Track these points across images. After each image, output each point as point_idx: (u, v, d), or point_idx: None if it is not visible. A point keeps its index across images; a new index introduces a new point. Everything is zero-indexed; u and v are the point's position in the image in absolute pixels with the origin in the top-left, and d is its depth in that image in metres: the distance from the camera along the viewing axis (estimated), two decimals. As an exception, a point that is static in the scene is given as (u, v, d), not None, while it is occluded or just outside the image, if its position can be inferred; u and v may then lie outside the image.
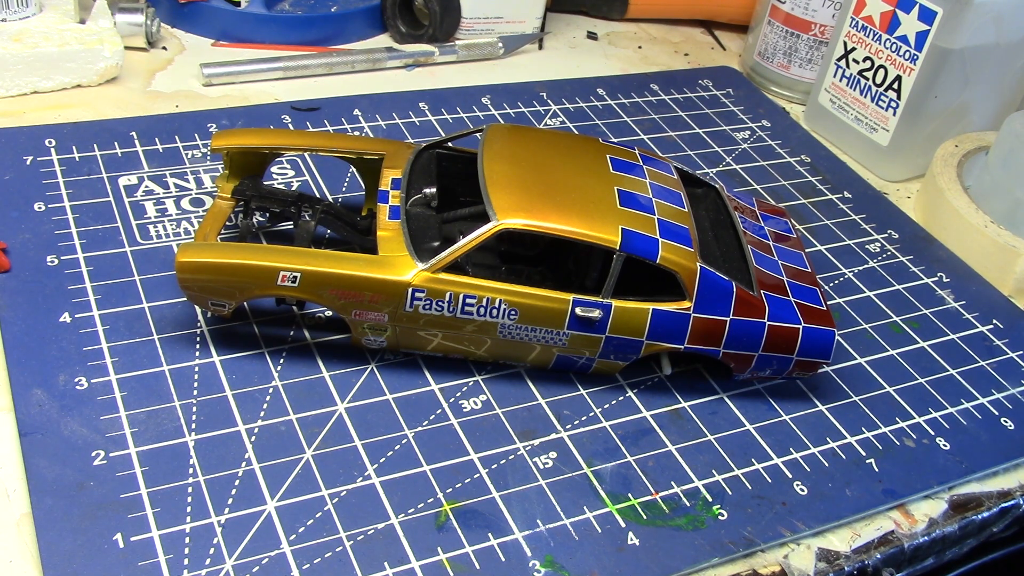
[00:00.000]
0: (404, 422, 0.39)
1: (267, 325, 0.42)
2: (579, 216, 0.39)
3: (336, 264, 0.38)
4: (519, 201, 0.39)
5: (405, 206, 0.41)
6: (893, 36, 0.58)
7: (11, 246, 0.44)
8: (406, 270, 0.39)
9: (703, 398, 0.43)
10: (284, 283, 0.38)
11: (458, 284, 0.39)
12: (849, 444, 0.42)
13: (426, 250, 0.39)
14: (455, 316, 0.39)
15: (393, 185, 0.42)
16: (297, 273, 0.38)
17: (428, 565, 0.34)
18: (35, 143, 0.50)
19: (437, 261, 0.38)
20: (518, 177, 0.41)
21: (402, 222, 0.40)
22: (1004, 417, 0.45)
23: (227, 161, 0.44)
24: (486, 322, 0.39)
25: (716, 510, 0.38)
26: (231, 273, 0.38)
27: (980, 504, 0.41)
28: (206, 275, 0.38)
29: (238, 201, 0.44)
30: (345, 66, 0.62)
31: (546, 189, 0.40)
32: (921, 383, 0.46)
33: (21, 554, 0.33)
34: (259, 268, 0.38)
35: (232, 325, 0.42)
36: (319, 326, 0.43)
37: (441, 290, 0.39)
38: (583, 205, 0.40)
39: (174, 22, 0.64)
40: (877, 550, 0.39)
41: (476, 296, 0.39)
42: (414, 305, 0.39)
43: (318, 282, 0.38)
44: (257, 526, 0.35)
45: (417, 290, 0.39)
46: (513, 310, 0.39)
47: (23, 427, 0.36)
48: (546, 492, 0.38)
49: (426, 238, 0.40)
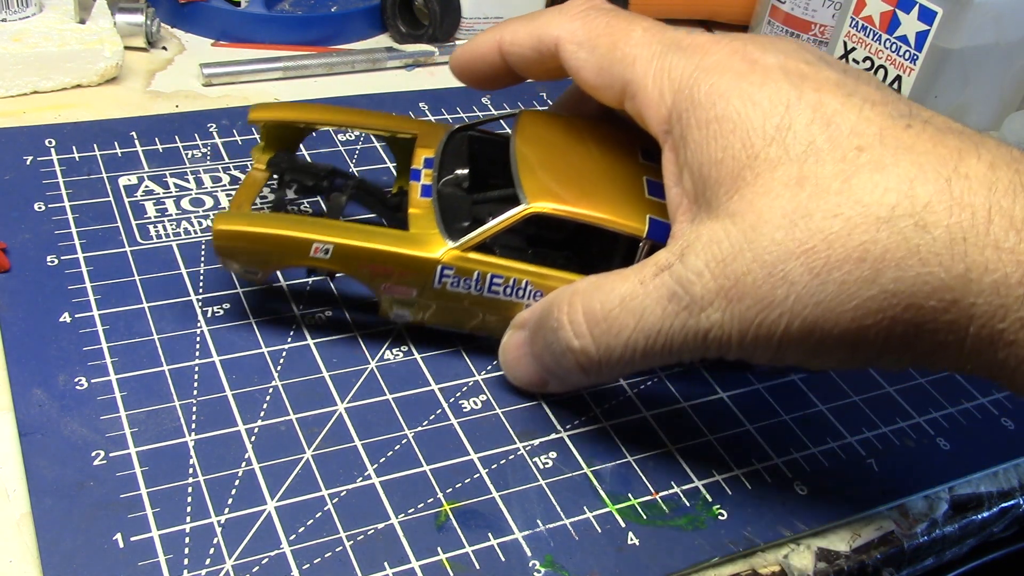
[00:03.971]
0: (404, 422, 0.39)
1: (267, 325, 0.42)
2: (607, 203, 0.40)
3: (368, 239, 0.39)
4: (549, 186, 0.40)
5: (437, 185, 0.42)
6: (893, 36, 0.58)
7: (11, 246, 0.44)
8: (436, 248, 0.39)
9: (703, 398, 0.43)
10: (316, 255, 0.39)
11: (486, 264, 0.40)
12: (849, 444, 0.42)
13: (456, 229, 0.40)
14: (482, 295, 0.40)
15: (426, 164, 0.43)
16: (330, 245, 0.39)
17: (428, 565, 0.34)
18: (35, 143, 0.50)
19: (467, 240, 0.39)
20: (549, 162, 0.41)
21: (433, 201, 0.41)
22: (1004, 417, 0.45)
23: (263, 134, 0.45)
24: (511, 302, 0.40)
25: (716, 510, 0.38)
26: (265, 243, 0.39)
27: (980, 504, 0.41)
28: (241, 243, 0.39)
29: (272, 173, 0.45)
30: (345, 66, 0.62)
31: (576, 175, 0.41)
32: (921, 383, 0.46)
33: (21, 554, 0.33)
34: (293, 239, 0.39)
35: (232, 325, 0.42)
36: (319, 326, 0.43)
37: (469, 269, 0.39)
38: (612, 193, 0.40)
39: (174, 22, 0.64)
40: (877, 550, 0.39)
41: (503, 276, 0.40)
42: (442, 282, 0.40)
43: (350, 255, 0.39)
44: (257, 526, 0.35)
45: (446, 267, 0.39)
46: (539, 292, 0.40)
47: (23, 427, 0.36)
48: (546, 492, 0.38)
49: (456, 218, 0.41)
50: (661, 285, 0.34)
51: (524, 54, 0.41)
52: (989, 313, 0.30)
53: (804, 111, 0.33)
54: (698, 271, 0.33)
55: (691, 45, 0.37)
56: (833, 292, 0.31)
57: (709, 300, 0.33)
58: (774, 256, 0.32)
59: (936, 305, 0.31)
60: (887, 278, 0.31)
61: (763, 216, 0.32)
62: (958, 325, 0.31)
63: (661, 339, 0.35)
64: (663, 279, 0.34)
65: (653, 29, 0.38)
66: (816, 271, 0.31)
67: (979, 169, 0.31)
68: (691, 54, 0.36)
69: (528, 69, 0.42)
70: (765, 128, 0.33)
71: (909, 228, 0.31)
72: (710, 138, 0.34)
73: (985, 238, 0.30)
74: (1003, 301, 0.30)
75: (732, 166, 0.34)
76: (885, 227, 0.31)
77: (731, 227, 0.33)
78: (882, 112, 0.33)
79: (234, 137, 0.53)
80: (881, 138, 0.32)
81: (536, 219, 0.40)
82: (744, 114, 0.34)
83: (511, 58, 0.42)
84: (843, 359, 0.34)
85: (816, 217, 0.32)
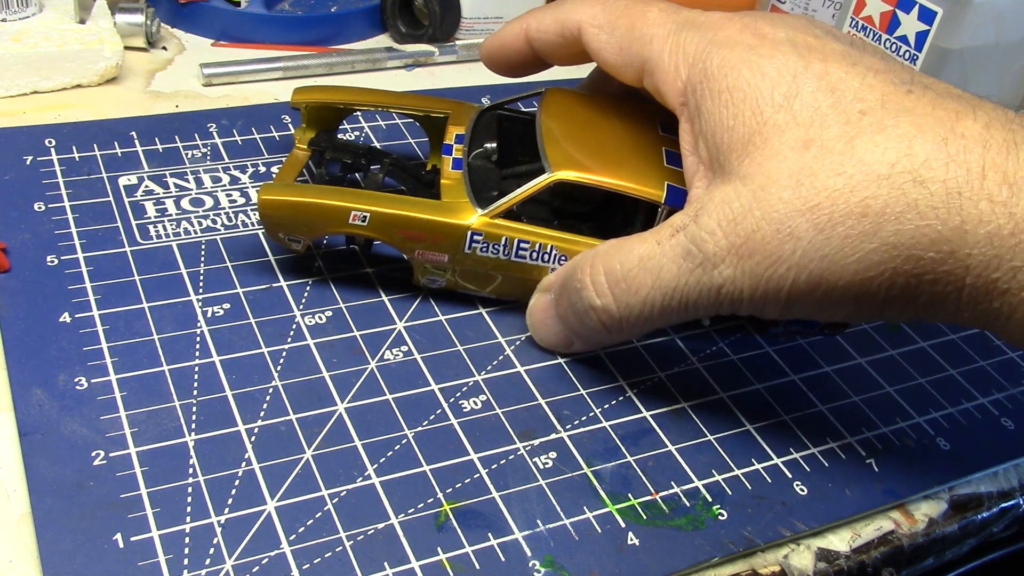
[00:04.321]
0: (404, 422, 0.39)
1: (267, 325, 0.42)
2: (627, 172, 0.42)
3: (403, 207, 0.42)
4: (572, 156, 0.42)
5: (467, 159, 0.45)
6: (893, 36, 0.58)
7: (11, 246, 0.44)
8: (466, 215, 0.42)
9: (703, 398, 0.43)
10: (354, 222, 0.42)
11: (513, 230, 0.42)
12: (849, 444, 0.42)
13: (485, 198, 0.43)
14: (509, 259, 0.43)
15: (457, 140, 0.46)
16: (367, 213, 0.42)
17: (428, 565, 0.34)
18: (35, 143, 0.50)
19: (495, 207, 0.42)
20: (572, 135, 0.44)
21: (464, 172, 0.44)
22: (1004, 417, 0.45)
23: (304, 115, 0.48)
24: (538, 266, 0.43)
25: (716, 510, 0.38)
26: (307, 211, 0.42)
27: (980, 504, 0.41)
28: (284, 212, 0.42)
29: (313, 152, 0.48)
30: (345, 66, 0.62)
31: (598, 147, 0.43)
32: (921, 383, 0.46)
33: (21, 554, 0.33)
34: (333, 207, 0.42)
35: (232, 325, 0.42)
36: (319, 326, 0.43)
37: (497, 234, 0.42)
38: (632, 162, 0.43)
39: (174, 22, 0.64)
40: (877, 550, 0.39)
41: (529, 242, 0.42)
42: (472, 247, 0.42)
43: (385, 223, 0.42)
44: (257, 526, 0.35)
45: (475, 233, 0.42)
46: (563, 256, 0.42)
47: (23, 427, 0.36)
48: (546, 492, 0.38)
49: (485, 188, 0.44)
50: (676, 245, 0.36)
51: (549, 39, 0.44)
52: (984, 263, 0.32)
53: (810, 80, 0.35)
54: (710, 230, 0.35)
55: (704, 22, 0.39)
56: (837, 246, 0.33)
57: (721, 257, 0.35)
58: (781, 213, 0.34)
59: (934, 256, 0.33)
60: (887, 231, 0.33)
61: (771, 177, 0.34)
62: (955, 276, 0.33)
63: (677, 296, 0.37)
64: (678, 239, 0.36)
65: (668, 10, 0.40)
66: (821, 226, 0.33)
67: (975, 129, 0.33)
68: (704, 30, 0.38)
69: (553, 54, 0.45)
70: (773, 96, 0.35)
71: (908, 184, 0.32)
72: (722, 107, 0.36)
73: (979, 192, 0.32)
74: (996, 251, 0.32)
75: (743, 132, 0.36)
76: (885, 183, 0.33)
77: (741, 188, 0.35)
78: (884, 79, 0.35)
79: (234, 137, 0.53)
80: (883, 102, 0.34)
81: (561, 191, 0.43)
82: (754, 84, 0.36)
83: (537, 43, 0.44)
84: (849, 312, 0.35)
85: (820, 176, 0.34)
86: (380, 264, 0.47)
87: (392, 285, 0.46)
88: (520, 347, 0.44)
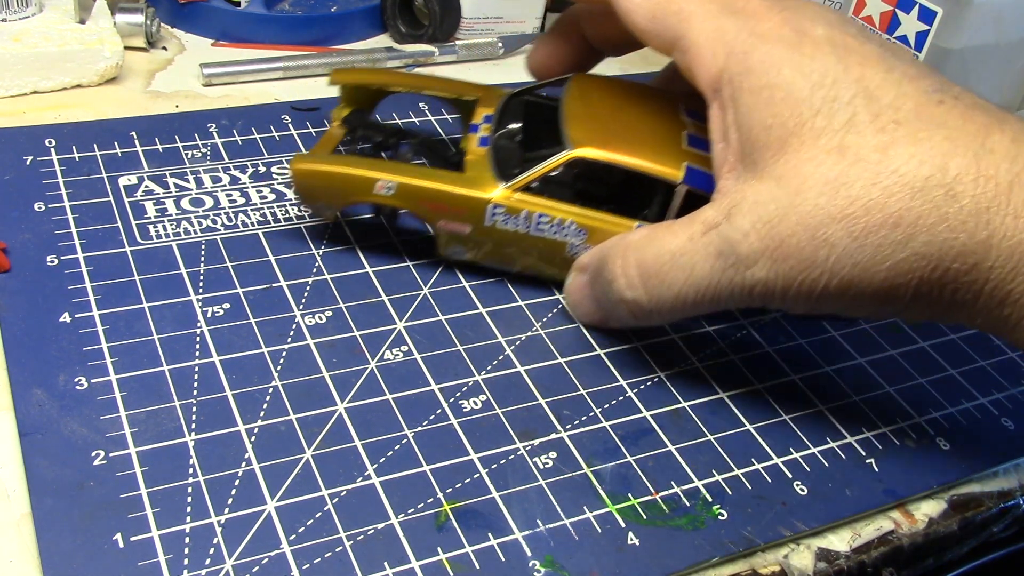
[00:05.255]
0: (404, 422, 0.39)
1: (267, 325, 0.42)
2: (646, 151, 0.44)
3: (428, 178, 0.44)
4: (592, 135, 0.44)
5: (493, 137, 0.47)
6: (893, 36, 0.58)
7: (11, 246, 0.44)
8: (489, 188, 0.44)
9: (703, 398, 0.43)
10: (381, 191, 0.44)
11: (533, 203, 0.44)
12: (849, 444, 0.42)
13: (508, 174, 0.45)
14: (528, 233, 0.44)
15: (484, 120, 0.48)
16: (393, 184, 0.44)
17: (428, 565, 0.34)
18: (35, 143, 0.50)
19: (516, 182, 0.44)
20: (594, 116, 0.46)
21: (489, 149, 0.46)
22: (1004, 417, 0.45)
23: (342, 95, 0.51)
24: (556, 240, 0.44)
25: (716, 510, 0.38)
26: (336, 180, 0.44)
27: (980, 504, 0.41)
28: (315, 180, 0.45)
29: (347, 130, 0.50)
30: (345, 66, 0.62)
31: (619, 128, 0.45)
32: (921, 383, 0.46)
33: (21, 554, 0.33)
34: (360, 176, 0.44)
35: (232, 325, 0.42)
36: (319, 326, 0.43)
37: (518, 208, 0.44)
38: (652, 143, 0.44)
39: (174, 22, 0.64)
40: (877, 550, 0.39)
41: (549, 216, 0.44)
42: (493, 219, 0.44)
43: (411, 193, 0.44)
44: (257, 526, 0.35)
45: (497, 206, 0.44)
46: (582, 230, 0.44)
47: (23, 427, 0.36)
48: (546, 492, 0.38)
49: (509, 165, 0.46)
50: (709, 243, 0.37)
51: (592, 9, 0.46)
52: (1003, 275, 0.34)
53: (849, 85, 0.36)
54: (744, 231, 0.36)
55: (744, 9, 0.39)
56: (870, 254, 0.34)
57: (754, 259, 0.36)
58: (817, 220, 0.35)
59: (959, 267, 0.34)
60: (918, 242, 0.34)
61: (807, 182, 0.35)
62: (976, 285, 0.34)
63: (709, 292, 0.38)
64: (711, 237, 0.37)
65: None
66: (855, 235, 0.34)
67: (1003, 143, 0.34)
68: (745, 19, 0.38)
69: (597, 29, 0.47)
70: (812, 99, 0.36)
71: (941, 197, 0.34)
72: (761, 104, 0.37)
73: (1006, 207, 0.33)
74: (1015, 264, 0.34)
75: (780, 132, 0.36)
76: (919, 196, 0.34)
77: (776, 190, 0.36)
78: (917, 87, 0.36)
79: (234, 137, 0.53)
80: (916, 113, 0.35)
81: (581, 171, 0.45)
82: (795, 84, 0.36)
83: (582, 20, 0.47)
84: (873, 311, 0.37)
85: (856, 185, 0.34)
86: (405, 235, 0.48)
87: (392, 284, 0.46)
88: (520, 347, 0.44)
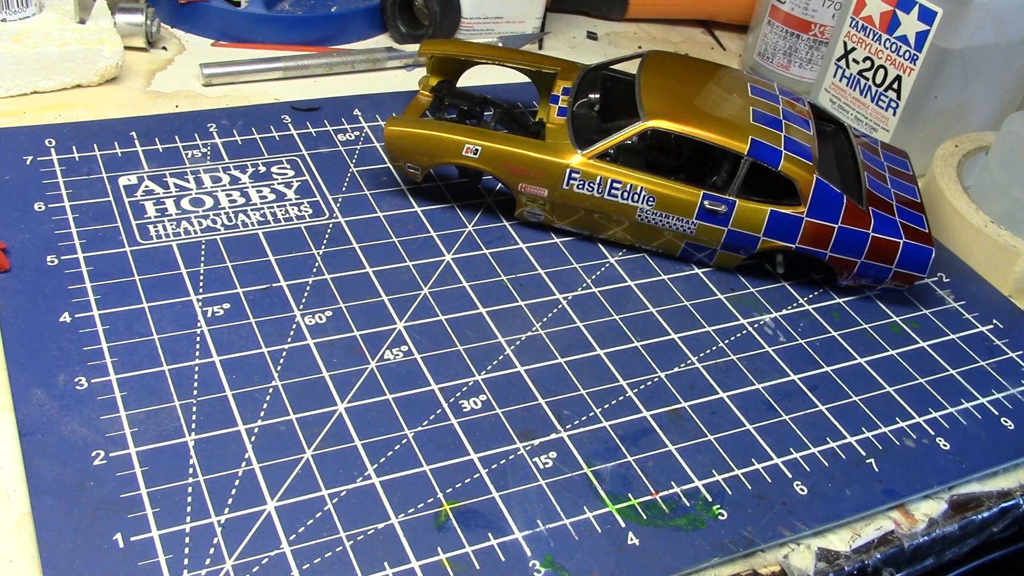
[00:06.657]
0: (404, 422, 0.39)
1: (267, 325, 0.42)
2: (715, 125, 0.47)
3: (511, 143, 0.48)
4: (666, 108, 0.48)
5: (572, 107, 0.50)
6: (893, 36, 0.58)
7: (11, 246, 0.44)
8: (567, 155, 0.47)
9: (703, 398, 0.43)
10: (467, 154, 0.48)
11: (608, 170, 0.47)
12: (849, 444, 0.42)
13: (585, 141, 0.48)
14: (602, 197, 0.48)
15: (564, 92, 0.51)
16: (479, 147, 0.48)
17: (428, 565, 0.34)
18: (35, 143, 0.50)
19: (592, 149, 0.47)
20: (668, 90, 0.49)
21: (568, 118, 0.49)
22: (1004, 417, 0.45)
23: (430, 65, 0.55)
24: (627, 205, 0.48)
25: (716, 510, 0.38)
26: (426, 142, 0.48)
27: (980, 504, 0.41)
28: (406, 141, 0.48)
29: (435, 98, 0.53)
30: (345, 66, 0.62)
31: (690, 102, 0.49)
32: (921, 383, 0.46)
33: (21, 554, 0.33)
34: (449, 139, 0.48)
35: (232, 325, 0.42)
36: (319, 326, 0.43)
37: (593, 173, 0.47)
38: (720, 117, 0.48)
39: (174, 22, 0.64)
40: (877, 550, 0.39)
41: (621, 182, 0.47)
42: (570, 184, 0.47)
43: (495, 157, 0.48)
44: (257, 526, 0.35)
45: (574, 171, 0.47)
46: (652, 197, 0.47)
47: (23, 427, 0.36)
48: (546, 492, 0.38)
49: (586, 134, 0.49)
50: None
51: None
52: None
53: None
54: None
55: None
56: None
57: None
58: None
59: None
60: None
61: None
62: None
63: None
64: None
65: None
66: None
67: None
68: None
69: None
70: None
71: None
72: None
73: None
74: None
75: None
76: None
77: None
78: None
79: (234, 137, 0.53)
80: None
81: (654, 143, 0.49)
82: None
83: None
84: None
85: None
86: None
87: (392, 284, 0.46)
88: (520, 347, 0.44)
